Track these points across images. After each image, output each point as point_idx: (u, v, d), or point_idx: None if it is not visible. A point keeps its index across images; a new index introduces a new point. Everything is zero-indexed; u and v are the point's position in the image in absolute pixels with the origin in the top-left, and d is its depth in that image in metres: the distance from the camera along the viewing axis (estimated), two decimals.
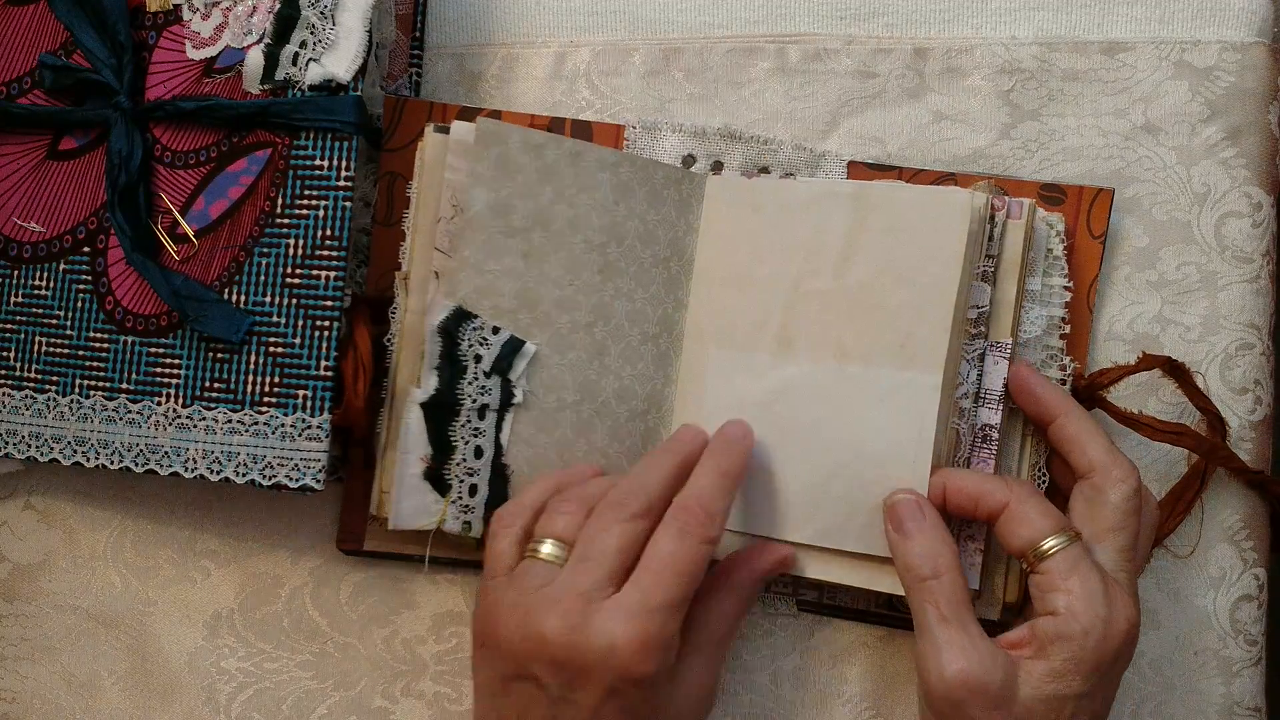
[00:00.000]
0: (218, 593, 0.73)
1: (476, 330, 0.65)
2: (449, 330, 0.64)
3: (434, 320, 0.64)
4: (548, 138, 0.66)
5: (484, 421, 0.65)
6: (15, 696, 0.74)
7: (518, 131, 0.65)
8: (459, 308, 0.64)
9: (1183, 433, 0.67)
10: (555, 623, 0.57)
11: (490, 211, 0.65)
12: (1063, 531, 0.60)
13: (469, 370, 0.65)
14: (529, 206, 0.65)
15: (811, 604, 0.70)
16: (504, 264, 0.65)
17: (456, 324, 0.64)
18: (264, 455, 0.65)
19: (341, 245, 0.65)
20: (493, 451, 0.65)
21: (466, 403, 0.65)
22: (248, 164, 0.67)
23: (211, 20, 0.69)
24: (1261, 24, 0.71)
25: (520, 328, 0.65)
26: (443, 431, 0.65)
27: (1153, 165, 0.70)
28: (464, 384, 0.65)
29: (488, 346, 0.65)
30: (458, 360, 0.65)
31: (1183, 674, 0.69)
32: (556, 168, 0.66)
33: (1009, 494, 0.61)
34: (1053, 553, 0.59)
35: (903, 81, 0.72)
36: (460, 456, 0.65)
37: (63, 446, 0.69)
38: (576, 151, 0.66)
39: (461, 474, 0.65)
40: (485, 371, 0.65)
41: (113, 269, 0.69)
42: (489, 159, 0.64)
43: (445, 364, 0.64)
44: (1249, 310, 0.69)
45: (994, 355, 0.65)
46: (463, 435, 0.65)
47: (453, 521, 0.65)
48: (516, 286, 0.65)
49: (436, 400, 0.65)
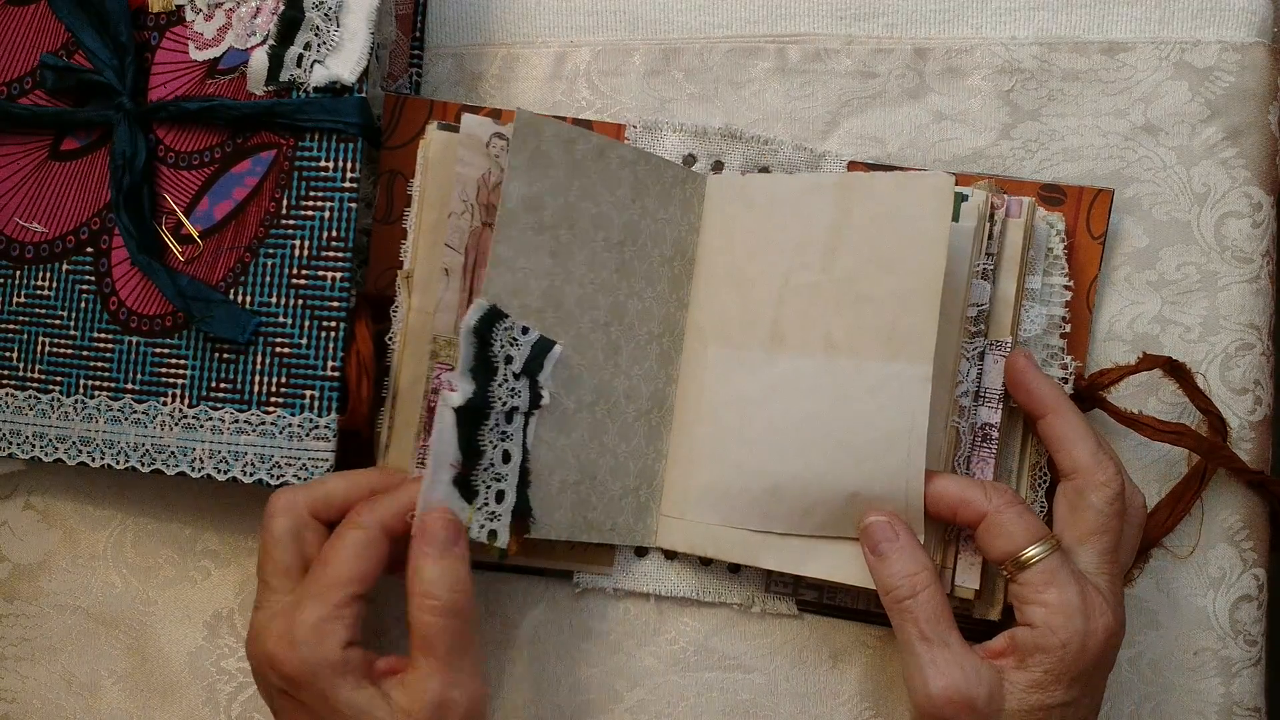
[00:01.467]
0: (218, 593, 0.73)
1: (507, 330, 0.62)
2: (482, 331, 0.62)
3: (469, 321, 0.61)
4: (578, 132, 0.65)
5: (511, 425, 0.63)
6: (15, 696, 0.74)
7: (550, 124, 0.64)
8: (493, 307, 0.62)
9: (1183, 433, 0.67)
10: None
11: (524, 206, 0.63)
12: (1041, 541, 0.60)
13: (500, 372, 0.62)
14: (558, 203, 0.64)
15: (811, 604, 0.70)
16: (533, 261, 0.64)
17: (489, 325, 0.62)
18: (271, 455, 0.65)
19: (347, 246, 0.65)
20: (520, 456, 0.63)
21: (497, 406, 0.62)
22: (252, 165, 0.67)
23: (215, 21, 0.69)
24: (1261, 24, 0.71)
25: (546, 327, 0.64)
26: (472, 436, 0.61)
27: (1153, 165, 0.70)
28: (494, 386, 0.62)
29: (518, 347, 0.63)
30: (489, 362, 0.62)
31: (1182, 674, 0.69)
32: (584, 163, 0.65)
33: (988, 504, 0.61)
34: (1031, 563, 0.60)
35: (903, 81, 0.72)
36: (488, 461, 0.62)
37: (67, 447, 0.69)
38: (601, 147, 0.66)
39: (489, 479, 0.62)
40: (515, 373, 0.63)
41: (116, 269, 0.69)
42: (525, 151, 0.63)
43: (478, 366, 0.62)
44: (1249, 310, 0.70)
45: (994, 354, 0.65)
46: (491, 439, 0.62)
47: (478, 530, 0.62)
48: (544, 285, 0.64)
49: (469, 405, 0.61)
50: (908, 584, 0.61)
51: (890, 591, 0.61)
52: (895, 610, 0.61)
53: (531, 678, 0.71)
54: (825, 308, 0.65)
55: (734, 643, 0.70)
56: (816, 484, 0.64)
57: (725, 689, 0.70)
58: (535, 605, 0.71)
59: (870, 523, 0.62)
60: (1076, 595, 0.59)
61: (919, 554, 0.61)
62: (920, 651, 0.60)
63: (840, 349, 0.64)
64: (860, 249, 0.64)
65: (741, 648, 0.70)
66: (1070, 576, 0.59)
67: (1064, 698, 0.59)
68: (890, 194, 0.63)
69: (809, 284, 0.65)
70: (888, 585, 0.61)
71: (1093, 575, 0.61)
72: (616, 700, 0.70)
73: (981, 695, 0.59)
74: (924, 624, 0.60)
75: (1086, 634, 0.59)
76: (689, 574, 0.70)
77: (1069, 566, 0.60)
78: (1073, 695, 0.59)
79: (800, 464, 0.64)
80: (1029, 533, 0.60)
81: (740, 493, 0.66)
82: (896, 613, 0.61)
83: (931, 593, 0.60)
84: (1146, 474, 0.70)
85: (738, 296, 0.67)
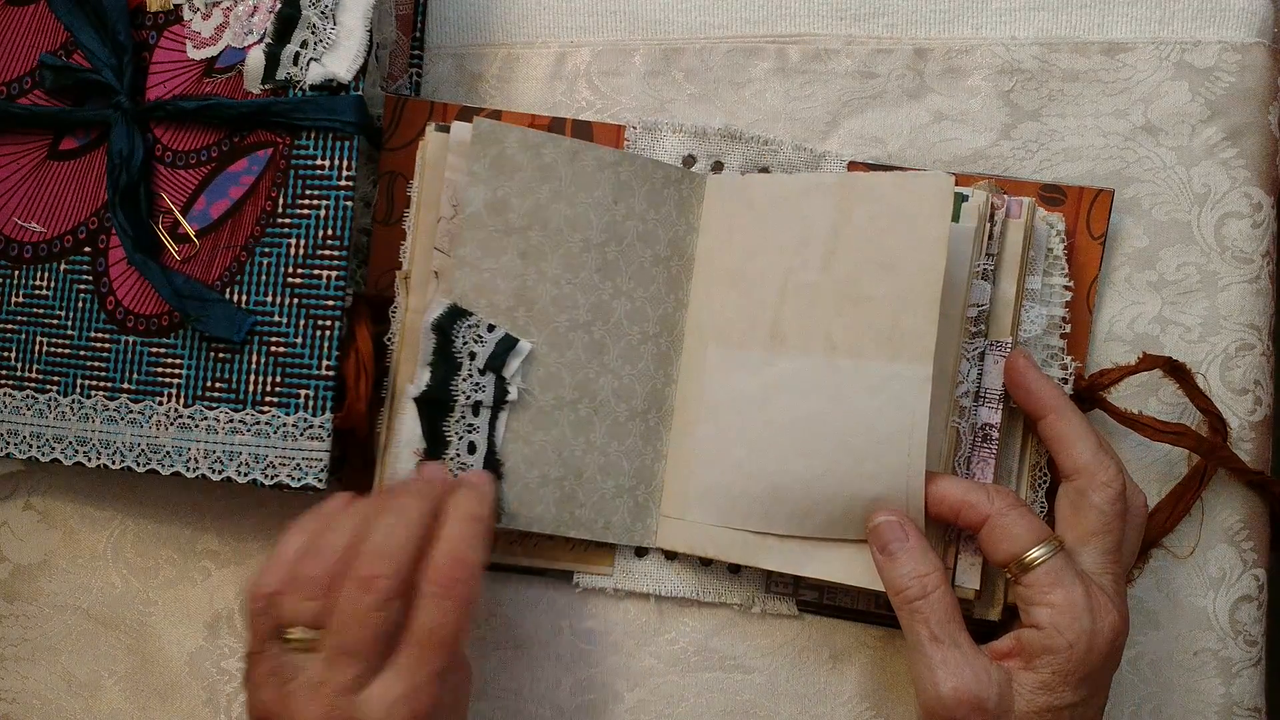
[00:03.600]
0: (218, 593, 0.73)
1: (471, 328, 0.65)
2: (443, 327, 0.65)
3: (429, 317, 0.65)
4: (545, 137, 0.66)
5: (478, 418, 0.65)
6: (15, 697, 0.74)
7: (515, 131, 0.65)
8: (454, 305, 0.65)
9: (1183, 433, 0.67)
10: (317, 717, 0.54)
11: (487, 210, 0.65)
12: (1044, 543, 0.60)
13: (464, 367, 0.65)
14: (527, 205, 0.65)
15: (811, 604, 0.70)
16: (501, 262, 0.65)
17: (451, 321, 0.65)
18: (266, 455, 0.66)
19: (343, 245, 0.65)
20: (485, 447, 0.65)
21: (460, 399, 0.65)
22: (249, 164, 0.67)
23: (212, 20, 0.69)
24: (1261, 24, 0.71)
25: (517, 326, 0.66)
26: (436, 427, 0.65)
27: (1153, 166, 0.70)
28: (458, 380, 0.65)
29: (482, 344, 0.65)
30: (452, 357, 0.65)
31: (1182, 674, 0.69)
32: (555, 167, 0.66)
33: (990, 507, 0.61)
34: (1035, 565, 0.60)
35: (903, 82, 0.72)
36: (454, 451, 0.65)
37: (64, 446, 0.69)
38: (575, 151, 0.66)
39: (455, 468, 0.65)
40: (479, 369, 0.65)
41: (114, 269, 0.69)
42: (486, 159, 0.65)
43: (439, 360, 0.65)
44: (1249, 310, 0.69)
45: (994, 354, 0.65)
46: (457, 431, 0.65)
47: None
48: (514, 285, 0.66)
49: (429, 395, 0.65)
50: (918, 585, 0.60)
51: (901, 592, 0.61)
52: (905, 611, 0.61)
53: (532, 678, 0.71)
54: (825, 308, 0.65)
55: (734, 643, 0.70)
56: (817, 485, 0.64)
57: (725, 689, 0.70)
58: (535, 606, 0.71)
59: (880, 522, 0.62)
60: (1082, 595, 0.59)
61: (929, 554, 0.61)
62: (931, 652, 0.60)
63: (840, 349, 0.64)
64: (861, 249, 0.64)
65: (742, 648, 0.70)
66: (1075, 577, 0.59)
67: (1072, 698, 0.59)
68: (891, 194, 0.63)
69: (809, 284, 0.65)
70: (897, 585, 0.61)
71: (1096, 575, 0.61)
72: (617, 701, 0.70)
73: (992, 697, 0.59)
74: (935, 625, 0.60)
75: (1093, 634, 0.59)
76: (689, 574, 0.70)
77: (1073, 567, 0.60)
78: (1081, 695, 0.59)
79: (800, 465, 0.64)
80: (1032, 534, 0.60)
81: (740, 494, 0.66)
82: (907, 613, 0.61)
83: (943, 593, 0.60)
84: (1146, 474, 0.69)
85: (738, 296, 0.67)
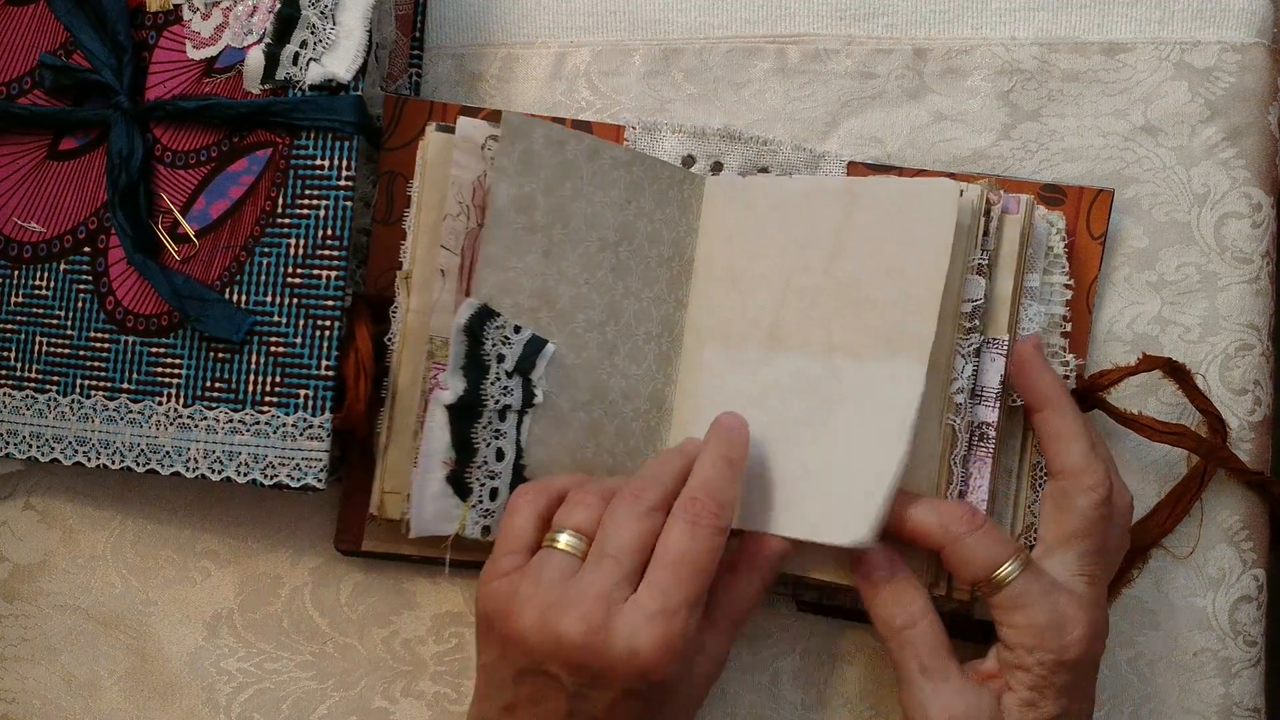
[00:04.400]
0: (218, 593, 0.73)
1: (499, 329, 0.63)
2: (473, 330, 0.63)
3: (460, 320, 0.63)
4: (569, 133, 0.65)
5: (505, 423, 0.64)
6: (15, 697, 0.74)
7: (541, 126, 0.64)
8: (484, 306, 0.63)
9: (1183, 433, 0.67)
10: (576, 624, 0.56)
11: (513, 207, 0.64)
12: (1008, 561, 0.60)
13: (491, 370, 0.63)
14: (550, 202, 0.65)
15: (811, 604, 0.70)
16: (525, 261, 0.64)
17: (480, 323, 0.63)
18: (265, 455, 0.66)
19: (343, 245, 0.65)
20: (514, 454, 0.64)
21: (489, 404, 0.63)
22: (248, 164, 0.67)
23: (212, 20, 0.69)
24: (1261, 24, 0.71)
25: (540, 326, 0.64)
26: (465, 434, 0.63)
27: (1152, 166, 0.70)
28: (486, 385, 0.63)
29: (510, 346, 0.63)
30: (481, 361, 0.63)
31: (1182, 674, 0.69)
32: (576, 164, 0.65)
33: (944, 537, 0.61)
34: (1004, 584, 0.60)
35: (903, 82, 0.72)
36: (482, 459, 0.64)
37: (63, 446, 0.69)
38: (594, 148, 0.66)
39: (483, 477, 0.64)
40: (508, 371, 0.63)
41: (113, 269, 0.69)
42: (515, 153, 0.64)
43: (470, 365, 0.63)
44: (1249, 311, 0.69)
45: (990, 352, 0.65)
46: (484, 437, 0.63)
47: (472, 526, 0.64)
48: (536, 284, 0.64)
49: (461, 402, 0.63)
50: (904, 614, 0.61)
51: (886, 621, 0.61)
52: (893, 639, 0.61)
53: None
54: (826, 309, 0.65)
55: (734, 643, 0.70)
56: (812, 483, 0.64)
57: (725, 689, 0.70)
58: None
59: (866, 554, 0.62)
60: (1046, 615, 0.59)
61: (914, 582, 0.62)
62: (922, 685, 0.60)
63: (840, 350, 0.64)
64: (864, 252, 0.64)
65: (741, 647, 0.70)
66: (1039, 594, 0.59)
67: (1054, 710, 0.59)
68: (894, 199, 0.64)
69: (810, 287, 0.65)
70: (882, 615, 0.62)
71: (1070, 578, 0.61)
72: None
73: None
74: (924, 654, 0.60)
75: (1062, 649, 0.59)
76: None
77: (1040, 581, 0.60)
78: (1062, 706, 0.60)
79: (797, 463, 0.64)
80: (990, 559, 0.60)
81: None
82: (894, 642, 0.61)
83: (929, 621, 0.61)
84: (1146, 474, 0.69)
85: (738, 297, 0.67)
